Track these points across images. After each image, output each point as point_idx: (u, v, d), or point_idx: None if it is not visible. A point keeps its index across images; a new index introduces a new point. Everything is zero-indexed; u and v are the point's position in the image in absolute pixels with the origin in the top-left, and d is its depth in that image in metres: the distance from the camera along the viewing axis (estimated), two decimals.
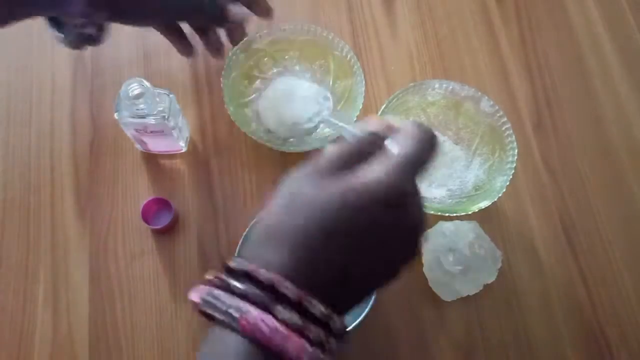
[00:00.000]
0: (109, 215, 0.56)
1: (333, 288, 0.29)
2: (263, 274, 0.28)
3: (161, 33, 0.56)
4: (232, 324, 0.27)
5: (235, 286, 0.28)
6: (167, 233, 0.55)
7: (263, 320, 0.26)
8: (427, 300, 0.53)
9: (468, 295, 0.52)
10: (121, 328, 0.52)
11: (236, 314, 0.27)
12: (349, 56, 0.57)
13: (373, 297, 0.48)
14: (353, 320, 0.48)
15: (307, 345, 0.27)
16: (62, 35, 0.47)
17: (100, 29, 0.47)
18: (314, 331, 0.27)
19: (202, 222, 0.56)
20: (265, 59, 0.60)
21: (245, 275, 0.28)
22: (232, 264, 0.29)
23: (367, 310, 0.48)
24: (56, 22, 0.48)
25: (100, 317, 0.52)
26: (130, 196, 0.57)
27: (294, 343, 0.26)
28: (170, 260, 0.55)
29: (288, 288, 0.27)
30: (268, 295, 0.27)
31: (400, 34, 0.65)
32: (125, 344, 0.52)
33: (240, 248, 0.49)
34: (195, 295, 0.29)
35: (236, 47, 0.57)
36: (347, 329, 0.30)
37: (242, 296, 0.28)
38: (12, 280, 0.54)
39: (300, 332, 0.27)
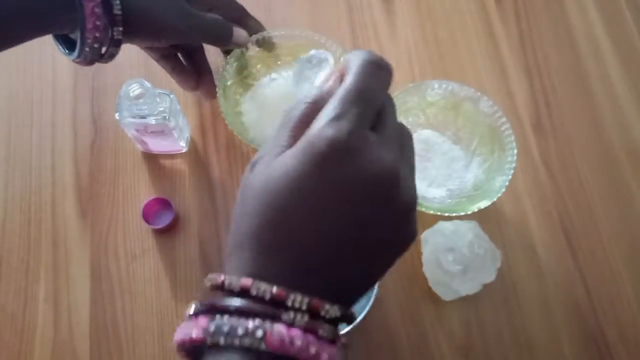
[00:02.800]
0: (109, 215, 0.56)
1: (326, 279, 0.26)
2: (264, 288, 0.25)
3: (162, 65, 0.55)
4: (254, 344, 0.24)
5: (235, 306, 0.25)
6: (167, 233, 0.56)
7: (290, 333, 0.24)
8: (427, 300, 0.54)
9: (467, 295, 0.52)
10: (122, 327, 0.52)
11: (260, 333, 0.24)
12: (343, 60, 0.56)
13: (373, 297, 0.48)
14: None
15: (339, 352, 0.25)
16: (74, 54, 0.46)
17: (118, 44, 0.46)
18: (330, 331, 0.25)
19: (202, 221, 0.56)
20: (258, 65, 0.59)
21: (241, 292, 0.25)
22: (226, 282, 0.26)
23: (367, 309, 0.48)
24: (65, 40, 0.47)
25: (101, 317, 0.52)
26: (131, 196, 0.57)
27: (331, 352, 0.24)
28: (170, 260, 0.55)
29: (297, 299, 0.25)
30: (272, 308, 0.25)
31: (400, 35, 0.65)
32: (126, 343, 0.52)
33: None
34: (195, 332, 0.24)
35: (229, 56, 0.56)
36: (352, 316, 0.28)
37: (246, 314, 0.25)
38: (13, 279, 0.54)
39: (316, 333, 0.25)
